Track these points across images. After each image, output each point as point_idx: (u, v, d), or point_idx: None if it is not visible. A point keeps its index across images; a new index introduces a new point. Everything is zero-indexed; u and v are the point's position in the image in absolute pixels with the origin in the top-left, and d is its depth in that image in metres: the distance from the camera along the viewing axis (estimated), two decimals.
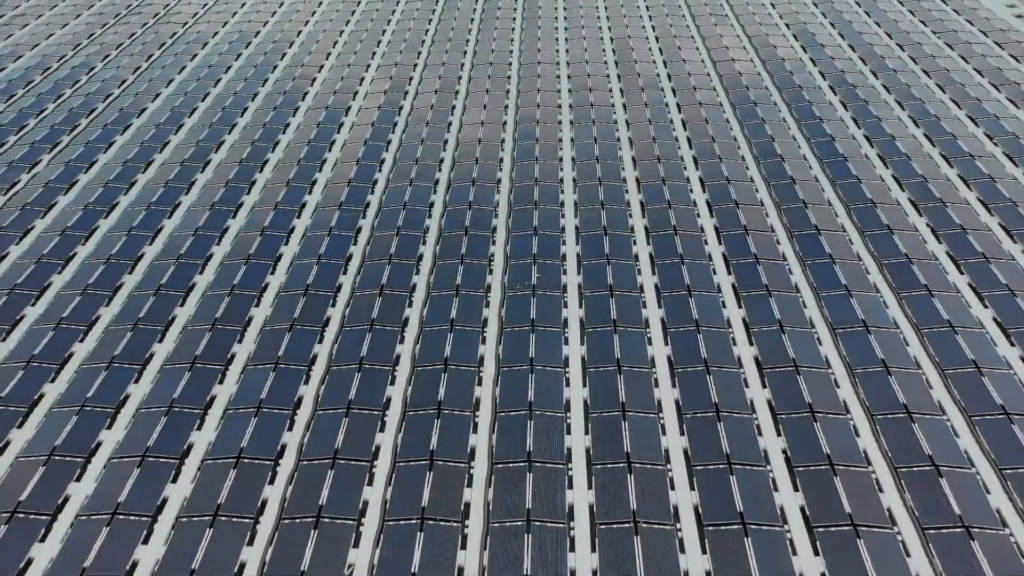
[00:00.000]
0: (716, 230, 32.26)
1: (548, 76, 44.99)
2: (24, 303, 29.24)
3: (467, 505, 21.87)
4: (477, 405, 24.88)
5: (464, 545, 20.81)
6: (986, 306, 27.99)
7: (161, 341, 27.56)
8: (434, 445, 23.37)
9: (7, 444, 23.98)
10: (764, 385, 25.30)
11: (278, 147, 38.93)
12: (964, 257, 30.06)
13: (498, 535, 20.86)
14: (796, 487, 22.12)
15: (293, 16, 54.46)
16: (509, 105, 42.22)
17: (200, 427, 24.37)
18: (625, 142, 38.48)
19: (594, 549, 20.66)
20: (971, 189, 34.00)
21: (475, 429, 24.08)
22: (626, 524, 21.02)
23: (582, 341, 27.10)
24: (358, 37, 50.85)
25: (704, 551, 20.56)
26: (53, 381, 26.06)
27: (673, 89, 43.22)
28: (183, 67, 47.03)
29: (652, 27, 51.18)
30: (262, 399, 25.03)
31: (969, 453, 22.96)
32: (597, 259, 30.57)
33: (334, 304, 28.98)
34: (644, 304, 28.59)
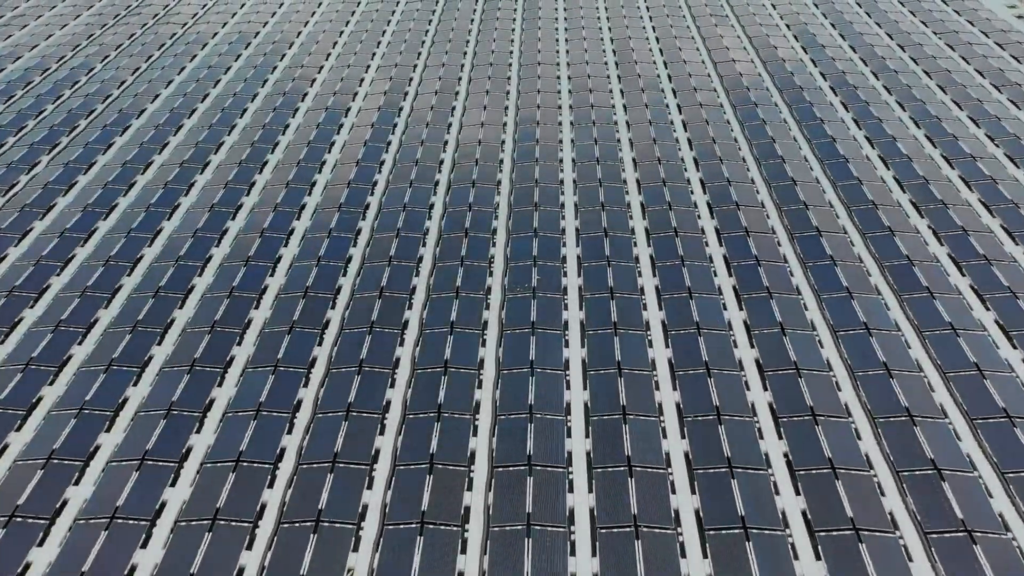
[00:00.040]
0: (717, 232, 32.17)
1: (548, 77, 44.91)
2: (23, 305, 29.16)
3: (467, 509, 21.79)
4: (477, 408, 24.79)
5: (464, 549, 20.72)
6: (988, 308, 27.91)
7: (160, 343, 27.47)
8: (434, 448, 23.28)
9: (5, 447, 23.89)
10: (765, 388, 25.21)
11: (277, 148, 38.85)
12: (966, 259, 29.98)
13: (498, 539, 20.77)
14: (797, 490, 22.03)
15: (293, 17, 54.38)
16: (509, 106, 42.13)
17: (199, 430, 24.29)
18: (625, 143, 38.39)
19: (595, 553, 20.58)
20: (973, 190, 33.92)
21: (475, 432, 23.99)
22: (627, 528, 20.93)
23: (582, 343, 27.01)
24: (358, 38, 50.76)
25: (705, 555, 20.48)
26: (52, 384, 25.97)
27: (674, 90, 43.14)
28: (182, 68, 46.95)
29: (652, 28, 51.09)
30: (261, 402, 24.94)
31: (971, 456, 22.87)
32: (597, 261, 30.49)
33: (334, 306, 28.90)
34: (645, 306, 28.50)
